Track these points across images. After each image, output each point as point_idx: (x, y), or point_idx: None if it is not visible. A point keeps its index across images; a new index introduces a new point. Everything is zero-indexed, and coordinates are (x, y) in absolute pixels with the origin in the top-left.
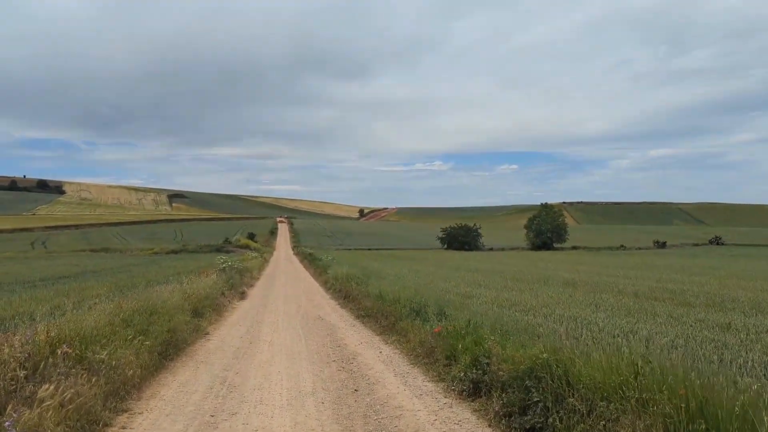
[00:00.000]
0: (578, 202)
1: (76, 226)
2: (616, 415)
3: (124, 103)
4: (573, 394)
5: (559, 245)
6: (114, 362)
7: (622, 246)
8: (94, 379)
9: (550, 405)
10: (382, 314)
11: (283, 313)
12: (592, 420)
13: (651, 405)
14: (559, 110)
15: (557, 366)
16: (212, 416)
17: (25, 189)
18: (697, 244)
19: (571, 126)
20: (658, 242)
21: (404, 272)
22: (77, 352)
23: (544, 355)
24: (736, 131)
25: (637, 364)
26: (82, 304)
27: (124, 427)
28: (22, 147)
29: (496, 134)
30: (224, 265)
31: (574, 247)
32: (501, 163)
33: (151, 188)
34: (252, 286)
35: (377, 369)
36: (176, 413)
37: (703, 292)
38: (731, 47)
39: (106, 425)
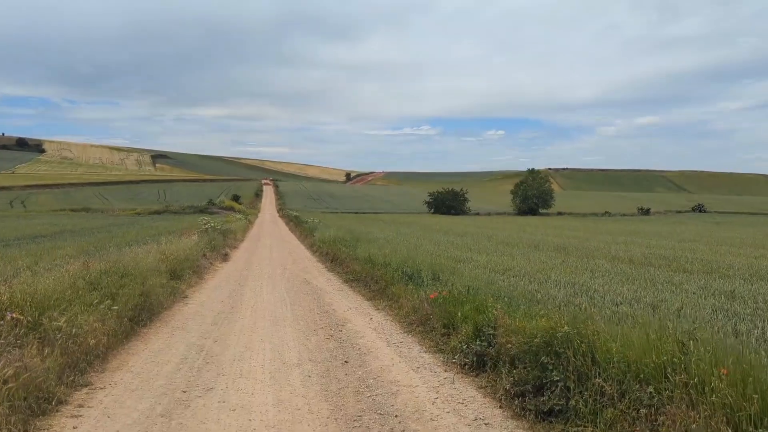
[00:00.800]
0: (563, 169)
1: (57, 186)
2: (658, 401)
3: (106, 61)
4: (600, 374)
5: (544, 211)
6: (74, 330)
7: (606, 212)
8: (47, 350)
9: (572, 385)
10: (371, 278)
11: (268, 276)
12: (625, 405)
13: (709, 392)
14: (547, 76)
15: (580, 341)
16: (184, 392)
17: (4, 147)
18: (680, 212)
19: (558, 92)
20: (642, 209)
21: (392, 236)
22: (29, 318)
23: (565, 327)
24: (721, 99)
25: (681, 342)
26: (52, 264)
27: (80, 406)
28: (0, 104)
29: (483, 99)
30: (207, 226)
31: (560, 213)
32: (488, 128)
33: (134, 148)
34: (236, 248)
35: (368, 337)
36: (144, 388)
37: (696, 259)
38: (722, 14)
39: (60, 403)
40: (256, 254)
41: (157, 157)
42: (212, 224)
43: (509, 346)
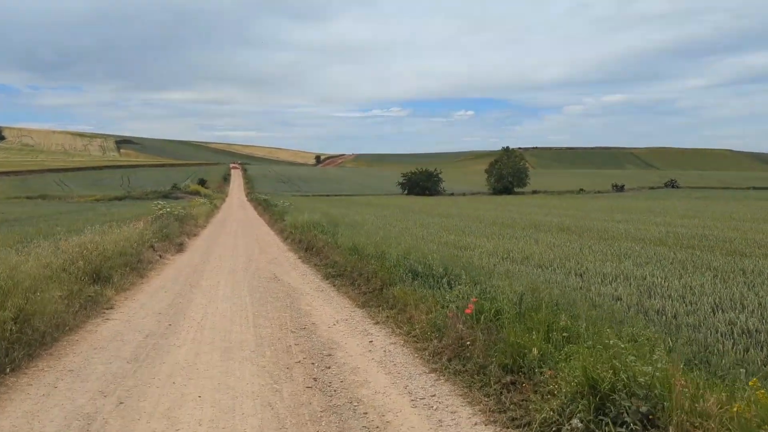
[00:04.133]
0: (533, 148)
1: (15, 173)
2: None
3: (70, 45)
4: None
5: (519, 190)
6: None
7: (581, 189)
8: None
9: None
10: (359, 274)
11: (228, 272)
12: None
13: None
14: (516, 55)
15: None
16: None
17: None
18: (653, 188)
19: (527, 71)
20: (616, 186)
21: (370, 219)
22: None
23: None
24: (687, 77)
25: None
26: None
27: None
28: None
29: (453, 80)
30: (162, 212)
31: (534, 192)
32: (458, 109)
33: (97, 134)
34: (195, 235)
35: (375, 383)
36: None
37: (714, 236)
38: None
39: None
40: (218, 243)
41: (122, 142)
42: (167, 209)
43: None
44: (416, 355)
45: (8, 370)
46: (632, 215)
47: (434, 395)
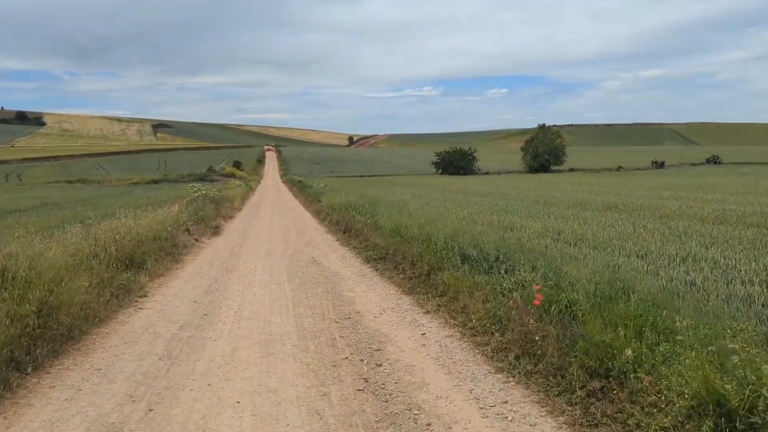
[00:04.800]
0: (569, 125)
1: (56, 158)
2: None
3: (106, 32)
4: None
5: (556, 168)
6: None
7: (620, 167)
8: None
9: None
10: (402, 257)
11: (265, 255)
12: None
13: None
14: (549, 31)
15: None
16: None
17: (3, 121)
18: (694, 164)
19: (562, 47)
20: (656, 162)
21: (407, 199)
22: None
23: None
24: (728, 49)
25: None
26: None
27: None
28: (0, 78)
29: (486, 58)
30: (197, 194)
31: (572, 170)
32: (491, 87)
33: (134, 118)
34: (231, 218)
35: (435, 386)
36: None
37: None
38: None
39: None
40: (254, 225)
41: (159, 126)
42: (203, 192)
43: None
44: (477, 350)
45: (30, 369)
46: (680, 192)
47: (506, 402)
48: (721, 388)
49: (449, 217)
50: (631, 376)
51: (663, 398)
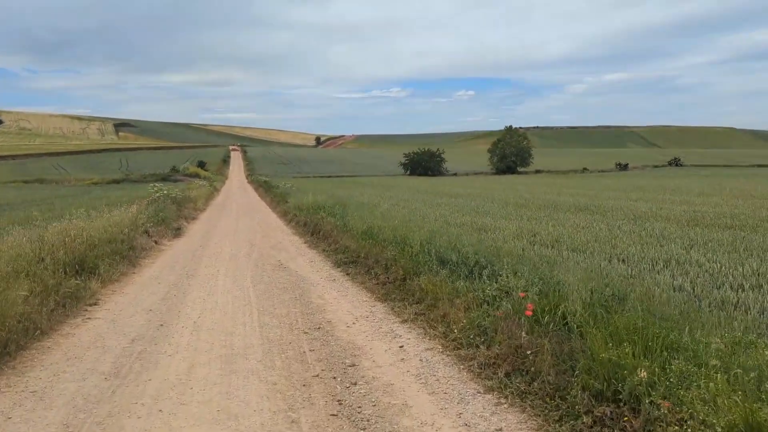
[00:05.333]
0: (534, 127)
1: (13, 157)
2: None
3: (68, 28)
4: None
5: (522, 169)
6: None
7: (585, 168)
8: None
9: None
10: (375, 261)
11: (229, 258)
12: None
13: None
14: (517, 32)
15: None
16: None
17: None
18: (656, 166)
19: (529, 50)
20: (620, 164)
21: (377, 200)
22: None
23: None
24: (690, 54)
25: None
26: None
27: None
28: None
29: (454, 59)
30: (158, 195)
31: (538, 171)
32: (458, 89)
33: (96, 117)
34: (194, 219)
35: (421, 413)
36: None
37: (746, 215)
38: None
39: None
40: (218, 227)
41: (121, 125)
42: (164, 192)
43: None
44: (462, 366)
45: None
46: (647, 194)
47: (500, 429)
48: (761, 420)
49: (423, 219)
50: (646, 401)
51: (687, 429)
